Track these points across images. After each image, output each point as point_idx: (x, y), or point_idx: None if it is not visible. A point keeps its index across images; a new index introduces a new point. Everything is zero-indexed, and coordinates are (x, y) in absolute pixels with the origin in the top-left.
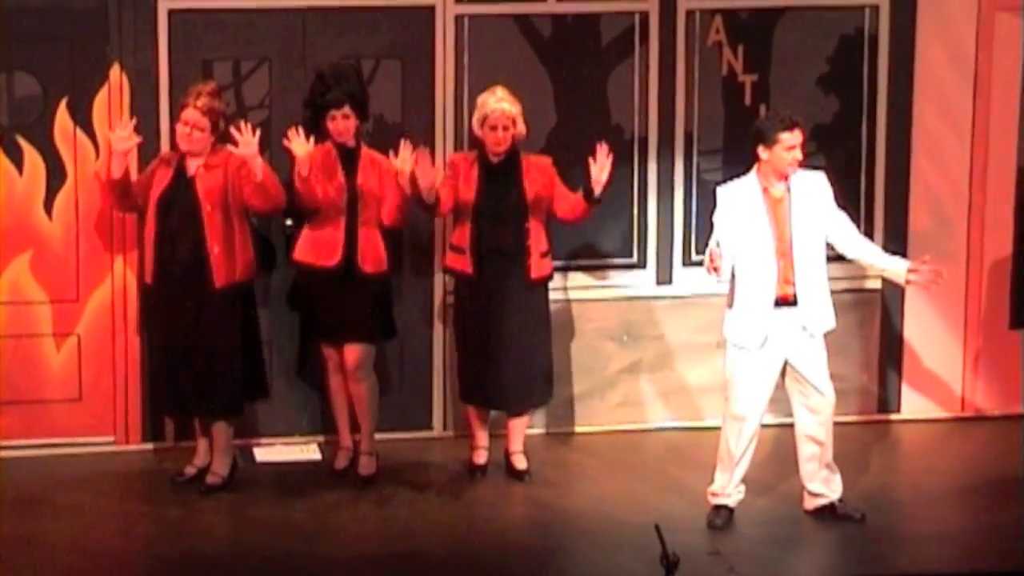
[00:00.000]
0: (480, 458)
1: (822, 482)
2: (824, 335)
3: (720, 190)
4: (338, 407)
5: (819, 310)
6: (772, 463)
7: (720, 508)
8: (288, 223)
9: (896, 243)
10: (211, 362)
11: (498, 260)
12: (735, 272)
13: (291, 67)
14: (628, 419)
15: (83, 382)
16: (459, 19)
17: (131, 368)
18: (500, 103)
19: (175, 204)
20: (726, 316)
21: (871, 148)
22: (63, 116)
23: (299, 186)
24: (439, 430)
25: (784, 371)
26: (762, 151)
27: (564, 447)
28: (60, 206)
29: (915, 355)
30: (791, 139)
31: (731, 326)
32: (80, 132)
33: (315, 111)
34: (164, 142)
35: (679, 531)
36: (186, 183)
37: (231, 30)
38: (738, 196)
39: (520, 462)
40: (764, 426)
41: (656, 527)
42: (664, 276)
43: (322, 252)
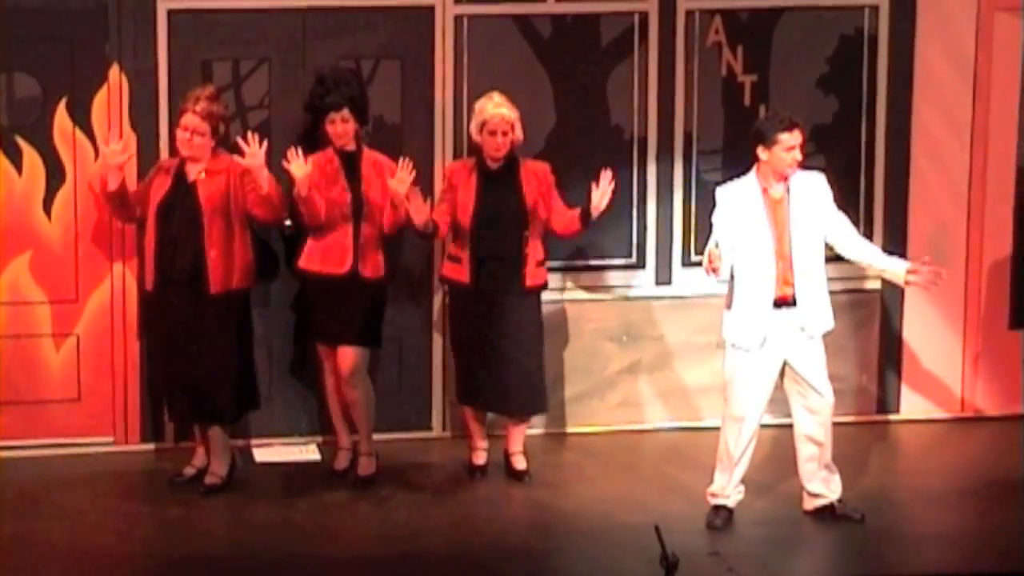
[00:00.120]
0: (479, 459)
1: (821, 482)
2: (823, 336)
3: (719, 190)
4: (334, 408)
5: (818, 311)
6: (771, 464)
7: (719, 508)
8: (287, 223)
9: (896, 243)
10: (207, 368)
11: (495, 267)
12: (734, 273)
13: (291, 67)
14: (627, 419)
15: (82, 382)
16: (458, 19)
17: (130, 368)
18: (498, 108)
19: (175, 211)
20: (725, 317)
21: (871, 148)
22: (62, 116)
23: (300, 207)
24: (438, 431)
25: (783, 372)
26: (761, 152)
27: (564, 447)
28: (59, 206)
29: (914, 355)
30: (790, 139)
31: (730, 327)
32: (79, 132)
33: (314, 114)
34: (163, 142)
35: (678, 531)
36: (187, 189)
37: (231, 30)
38: (737, 197)
39: (520, 463)
40: (763, 427)
41: (656, 528)
42: (664, 276)
43: (331, 260)
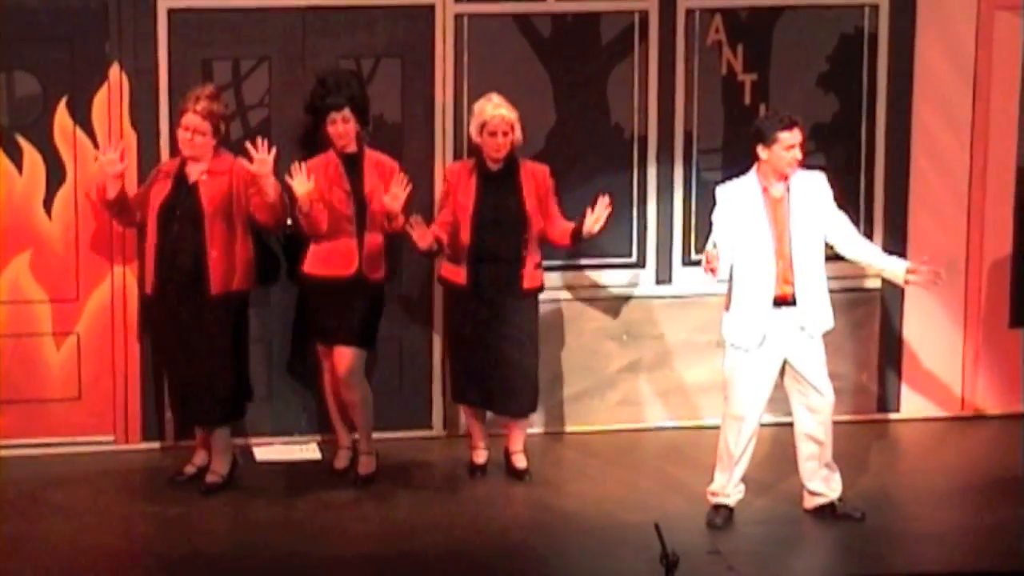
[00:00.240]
0: (480, 457)
1: (821, 481)
2: (823, 335)
3: (719, 189)
4: (334, 407)
5: (818, 310)
6: (771, 462)
7: (719, 507)
8: (288, 222)
9: (896, 243)
10: (205, 368)
11: (493, 268)
12: (734, 272)
13: (291, 66)
14: (627, 418)
15: (83, 381)
16: (458, 18)
17: (131, 367)
18: (498, 109)
19: (176, 212)
20: (724, 316)
21: (871, 148)
22: (63, 115)
23: (302, 221)
24: (439, 429)
25: (783, 371)
26: (761, 150)
27: (564, 446)
28: (60, 205)
29: (914, 355)
30: (790, 138)
31: (730, 326)
32: (80, 131)
33: (315, 115)
34: (164, 141)
35: (679, 530)
36: (188, 190)
37: (231, 29)
38: (737, 196)
39: (520, 461)
40: (763, 425)
41: (656, 526)
42: (664, 275)
43: (337, 263)
